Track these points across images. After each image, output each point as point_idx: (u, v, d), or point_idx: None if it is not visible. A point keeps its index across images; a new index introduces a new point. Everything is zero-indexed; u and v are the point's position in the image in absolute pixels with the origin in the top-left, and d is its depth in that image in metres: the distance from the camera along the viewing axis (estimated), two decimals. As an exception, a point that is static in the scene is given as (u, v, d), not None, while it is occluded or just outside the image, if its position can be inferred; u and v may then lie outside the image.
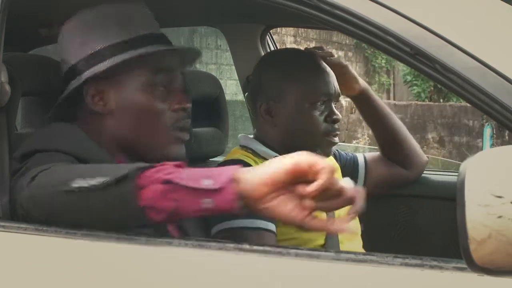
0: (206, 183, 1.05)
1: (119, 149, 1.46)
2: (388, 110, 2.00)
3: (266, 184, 1.04)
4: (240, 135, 1.85)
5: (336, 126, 1.76)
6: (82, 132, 1.45)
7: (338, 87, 1.79)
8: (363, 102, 1.97)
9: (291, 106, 1.75)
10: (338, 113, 1.77)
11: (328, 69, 1.79)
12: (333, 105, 1.77)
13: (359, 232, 1.83)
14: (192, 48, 1.73)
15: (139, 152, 1.46)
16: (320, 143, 1.74)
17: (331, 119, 1.75)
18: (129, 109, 1.45)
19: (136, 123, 1.46)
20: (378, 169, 1.99)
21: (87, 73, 1.44)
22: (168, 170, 1.10)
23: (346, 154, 2.02)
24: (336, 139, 1.78)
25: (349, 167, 1.98)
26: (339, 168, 1.93)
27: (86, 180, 1.12)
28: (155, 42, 1.49)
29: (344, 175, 1.95)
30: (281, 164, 1.05)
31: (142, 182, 1.09)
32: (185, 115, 1.50)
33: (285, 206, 1.05)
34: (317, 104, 1.74)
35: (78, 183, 1.12)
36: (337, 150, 2.02)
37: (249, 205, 1.06)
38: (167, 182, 1.08)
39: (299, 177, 1.04)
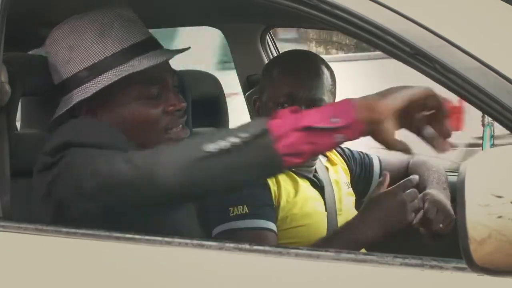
0: (334, 121, 1.11)
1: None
2: None
3: (386, 108, 1.11)
4: None
5: None
6: (107, 125, 1.40)
7: (320, 93, 1.67)
8: None
9: (264, 103, 1.74)
10: None
11: (317, 74, 1.68)
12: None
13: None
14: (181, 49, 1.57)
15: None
16: None
17: None
18: (123, 123, 1.41)
19: (130, 132, 1.40)
20: (392, 176, 1.96)
21: (76, 97, 1.40)
22: (297, 117, 1.13)
23: (360, 155, 1.99)
24: None
25: (364, 170, 1.96)
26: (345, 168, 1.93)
27: (220, 142, 1.13)
28: (140, 52, 1.42)
29: (357, 177, 1.95)
30: (399, 93, 1.12)
31: (278, 132, 1.12)
32: (180, 115, 1.45)
33: (393, 130, 1.13)
34: (278, 105, 1.66)
35: (216, 146, 1.13)
36: (348, 148, 1.98)
37: (372, 129, 1.12)
38: (304, 128, 1.12)
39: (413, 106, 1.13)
